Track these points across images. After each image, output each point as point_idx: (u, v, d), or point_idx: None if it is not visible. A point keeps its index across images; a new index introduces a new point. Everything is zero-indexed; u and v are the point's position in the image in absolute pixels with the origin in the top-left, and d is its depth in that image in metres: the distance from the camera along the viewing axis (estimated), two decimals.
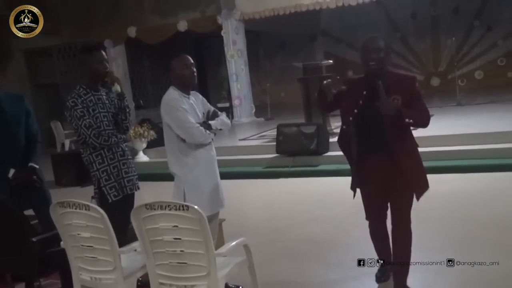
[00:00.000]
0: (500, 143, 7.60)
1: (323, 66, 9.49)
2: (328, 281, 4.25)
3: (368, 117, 3.47)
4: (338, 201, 6.60)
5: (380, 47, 3.54)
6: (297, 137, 8.59)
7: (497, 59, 15.03)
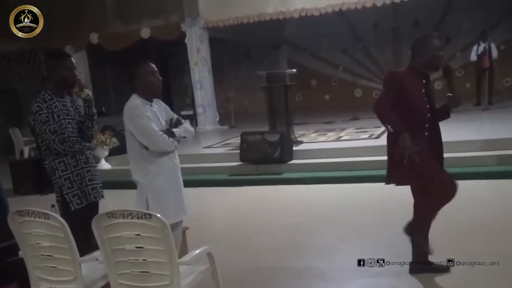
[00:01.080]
0: (459, 152, 7.79)
1: (287, 75, 9.56)
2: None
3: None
4: (302, 209, 6.66)
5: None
6: (261, 145, 8.61)
7: (456, 70, 15.41)
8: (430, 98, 4.01)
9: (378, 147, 8.46)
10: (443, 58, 3.98)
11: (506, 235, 4.96)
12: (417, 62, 3.99)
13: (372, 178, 7.62)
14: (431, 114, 4.00)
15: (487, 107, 11.48)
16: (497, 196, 6.32)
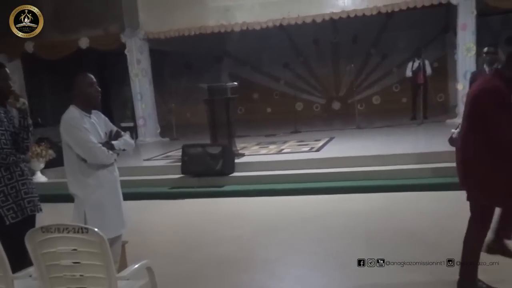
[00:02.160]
0: (395, 165, 8.02)
1: (228, 88, 9.57)
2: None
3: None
4: (244, 221, 6.65)
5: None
6: (203, 158, 8.57)
7: (393, 85, 15.93)
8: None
9: (318, 160, 8.61)
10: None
11: (442, 245, 5.11)
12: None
13: (313, 190, 7.74)
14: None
15: (422, 121, 11.88)
16: (433, 208, 6.51)
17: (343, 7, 11.67)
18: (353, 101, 13.49)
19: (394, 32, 15.22)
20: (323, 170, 8.25)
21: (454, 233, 5.47)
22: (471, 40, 10.82)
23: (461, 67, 10.98)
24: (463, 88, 10.54)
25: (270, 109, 16.94)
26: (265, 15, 12.08)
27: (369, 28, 14.90)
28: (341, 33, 15.77)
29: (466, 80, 9.07)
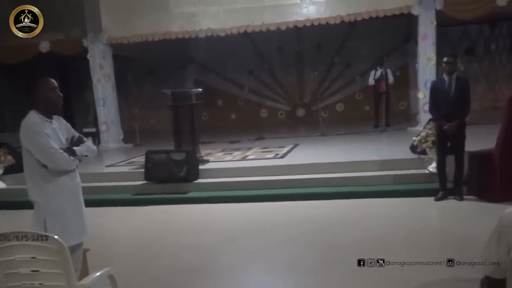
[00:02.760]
0: (359, 172, 8.12)
1: (193, 94, 9.52)
2: None
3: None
4: (208, 228, 6.62)
5: None
6: (167, 164, 8.50)
7: (356, 93, 16.15)
8: None
9: (283, 167, 8.65)
10: None
11: (404, 249, 5.19)
12: None
13: (277, 197, 7.76)
14: None
15: (385, 129, 12.08)
16: (395, 214, 6.62)
17: (307, 15, 11.79)
18: (317, 108, 13.62)
19: (357, 41, 15.46)
20: (288, 176, 8.28)
21: (416, 238, 5.60)
22: (431, 50, 11.07)
23: (422, 76, 11.22)
24: (424, 97, 10.76)
25: (234, 115, 16.93)
26: (230, 22, 12.11)
27: (333, 37, 15.10)
28: (305, 41, 15.93)
29: (427, 88, 9.25)
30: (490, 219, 2.16)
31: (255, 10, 11.96)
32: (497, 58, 15.48)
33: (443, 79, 6.94)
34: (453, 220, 6.32)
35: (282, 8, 11.93)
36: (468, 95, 6.89)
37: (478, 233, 4.43)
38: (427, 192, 7.23)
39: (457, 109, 6.76)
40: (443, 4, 10.83)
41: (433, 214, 6.78)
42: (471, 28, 15.16)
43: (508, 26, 15.20)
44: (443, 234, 5.93)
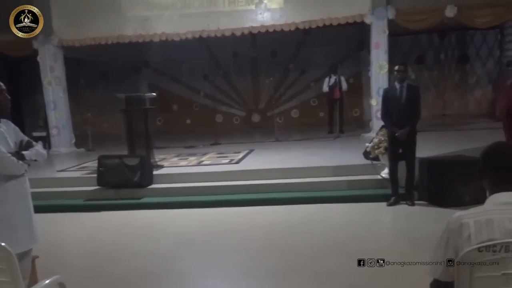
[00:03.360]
0: (313, 177, 8.19)
1: (147, 98, 9.41)
2: None
3: None
4: (162, 234, 6.54)
5: None
6: (120, 169, 8.36)
7: (310, 100, 16.33)
8: None
9: (238, 172, 8.64)
10: None
11: (358, 254, 5.24)
12: None
13: (232, 202, 7.75)
14: None
15: (339, 135, 12.24)
16: (349, 219, 6.71)
17: (262, 21, 11.85)
18: (272, 114, 13.69)
19: (311, 48, 15.65)
20: (243, 182, 8.28)
21: (370, 243, 5.69)
22: (383, 58, 11.31)
23: (374, 83, 11.44)
24: (376, 104, 10.98)
25: (189, 120, 16.83)
26: (184, 27, 12.03)
27: (288, 44, 15.24)
28: (260, 47, 16.00)
29: (379, 96, 9.43)
30: (440, 224, 2.21)
31: (210, 15, 11.94)
32: (446, 67, 15.98)
33: (395, 86, 7.10)
34: (404, 225, 6.45)
35: (237, 14, 11.95)
36: (418, 102, 7.07)
37: (428, 237, 4.54)
38: (380, 198, 7.36)
39: (408, 116, 6.92)
40: (394, 14, 11.09)
41: (386, 219, 6.90)
42: (421, 38, 15.60)
43: (456, 37, 15.73)
44: (395, 239, 6.05)
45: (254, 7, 11.87)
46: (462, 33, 15.47)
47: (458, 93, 15.92)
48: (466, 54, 15.75)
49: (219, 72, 16.60)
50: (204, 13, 11.98)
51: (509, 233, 1.99)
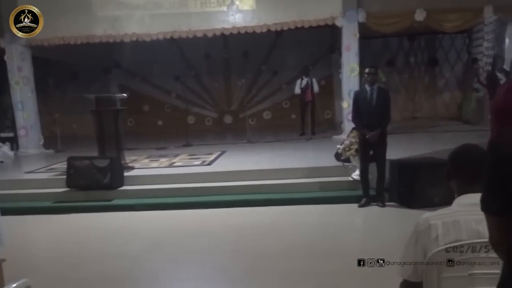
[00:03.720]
0: (285, 179, 8.21)
1: (117, 99, 9.31)
2: None
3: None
4: (133, 236, 6.47)
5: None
6: (90, 171, 8.26)
7: (282, 101, 16.37)
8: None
9: (210, 174, 8.62)
10: None
11: (330, 255, 5.29)
12: None
13: (204, 204, 7.72)
14: None
15: (311, 137, 12.29)
16: (321, 220, 6.74)
17: (234, 23, 11.83)
18: (244, 115, 13.68)
19: (283, 50, 15.69)
20: (215, 183, 8.26)
21: (343, 244, 5.74)
22: (354, 61, 11.41)
23: (345, 86, 11.53)
24: (348, 106, 11.06)
25: (161, 122, 16.71)
26: (155, 27, 11.93)
27: (260, 45, 15.25)
28: (232, 49, 15.97)
29: (351, 98, 9.52)
30: (409, 225, 2.23)
31: (182, 16, 11.87)
32: (416, 70, 16.21)
33: (365, 89, 7.17)
34: (375, 226, 6.53)
35: (208, 15, 11.91)
36: (388, 105, 7.16)
37: (399, 238, 4.59)
38: (351, 199, 7.42)
39: (379, 119, 6.99)
40: (365, 17, 11.20)
41: (357, 220, 6.97)
42: (392, 41, 15.80)
43: (425, 40, 15.98)
44: (366, 239, 6.11)
45: (225, 9, 11.85)
46: (431, 37, 15.71)
47: (427, 96, 16.17)
48: (435, 58, 16.01)
49: (191, 73, 16.51)
50: (175, 14, 11.91)
51: (475, 234, 2.02)
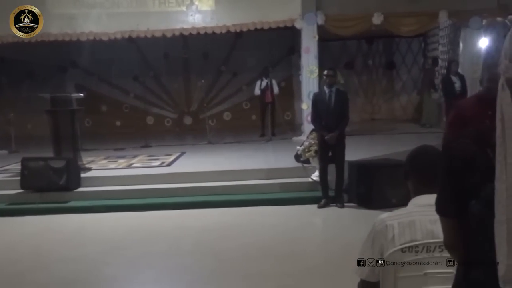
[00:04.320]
0: (245, 180, 8.22)
1: (73, 99, 9.12)
2: None
3: None
4: (90, 239, 6.37)
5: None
6: (45, 172, 8.07)
7: (243, 102, 16.34)
8: None
9: (169, 175, 8.55)
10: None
11: (290, 256, 5.32)
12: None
13: (163, 206, 7.66)
14: None
15: (271, 138, 12.33)
16: (281, 221, 6.77)
17: (193, 23, 11.75)
18: (204, 116, 13.61)
19: (243, 51, 15.68)
20: (174, 185, 8.19)
21: (303, 245, 5.78)
22: (313, 63, 11.48)
23: (305, 87, 11.60)
24: (307, 108, 11.14)
25: (119, 122, 16.45)
26: (113, 26, 11.72)
27: (220, 46, 15.21)
28: (192, 49, 15.86)
29: (310, 99, 9.59)
30: (368, 225, 2.27)
31: (140, 15, 11.71)
32: (374, 73, 16.48)
33: (324, 91, 7.26)
34: (334, 227, 6.60)
35: (167, 15, 11.80)
36: (347, 107, 7.26)
37: (357, 239, 4.65)
38: (311, 200, 7.48)
39: (337, 120, 7.09)
40: (324, 19, 11.30)
41: (316, 221, 7.04)
42: (350, 44, 16.00)
43: (383, 43, 16.26)
44: (325, 240, 6.18)
45: (185, 9, 11.77)
46: (388, 40, 15.99)
47: (385, 98, 16.45)
48: (392, 61, 16.31)
49: (150, 73, 16.30)
50: (134, 13, 11.74)
51: (430, 234, 2.07)
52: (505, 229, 1.29)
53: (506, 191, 1.29)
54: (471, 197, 1.44)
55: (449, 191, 1.52)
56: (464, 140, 1.47)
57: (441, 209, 1.57)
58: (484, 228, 1.35)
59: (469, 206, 1.45)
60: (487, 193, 1.35)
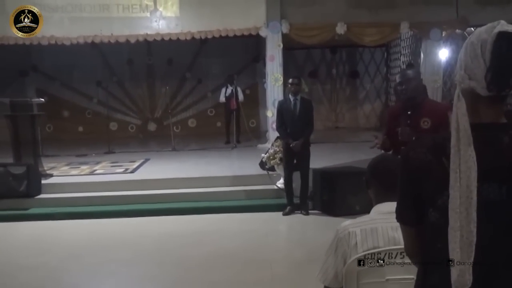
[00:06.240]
0: (210, 187, 8.21)
1: (34, 104, 8.96)
2: None
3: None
4: (50, 246, 6.24)
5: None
6: (4, 178, 7.89)
7: (208, 109, 16.30)
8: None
9: (133, 182, 8.46)
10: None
11: (255, 263, 5.33)
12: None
13: (127, 213, 7.58)
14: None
15: (236, 145, 12.34)
16: (246, 228, 6.77)
17: (157, 29, 11.65)
18: (169, 123, 13.53)
19: (208, 58, 15.68)
20: (138, 192, 8.11)
21: (268, 252, 5.80)
22: (278, 71, 11.55)
23: (270, 95, 11.65)
24: (272, 115, 11.19)
25: (82, 128, 16.18)
26: (76, 31, 11.50)
27: (185, 53, 15.16)
28: (156, 55, 15.78)
29: (275, 107, 9.64)
30: (332, 232, 2.30)
31: (103, 20, 11.53)
32: (338, 82, 16.67)
33: (289, 99, 7.32)
34: (299, 233, 6.65)
35: (131, 21, 11.66)
36: (311, 115, 7.34)
37: (321, 245, 4.70)
38: (276, 207, 7.52)
39: (302, 128, 7.15)
40: (288, 28, 11.38)
41: (281, 228, 7.07)
42: (314, 53, 16.16)
43: (346, 53, 16.48)
44: (290, 247, 6.21)
45: (149, 15, 11.66)
46: (352, 50, 16.22)
47: (349, 107, 16.66)
48: (356, 70, 16.54)
49: (113, 79, 16.11)
50: (97, 18, 11.56)
51: (392, 241, 2.11)
52: (458, 235, 1.33)
53: (459, 198, 1.34)
54: (428, 205, 1.48)
55: (407, 199, 1.56)
56: (421, 149, 1.51)
57: (401, 217, 1.60)
58: (442, 235, 1.39)
59: (427, 214, 1.49)
60: (443, 201, 1.40)
